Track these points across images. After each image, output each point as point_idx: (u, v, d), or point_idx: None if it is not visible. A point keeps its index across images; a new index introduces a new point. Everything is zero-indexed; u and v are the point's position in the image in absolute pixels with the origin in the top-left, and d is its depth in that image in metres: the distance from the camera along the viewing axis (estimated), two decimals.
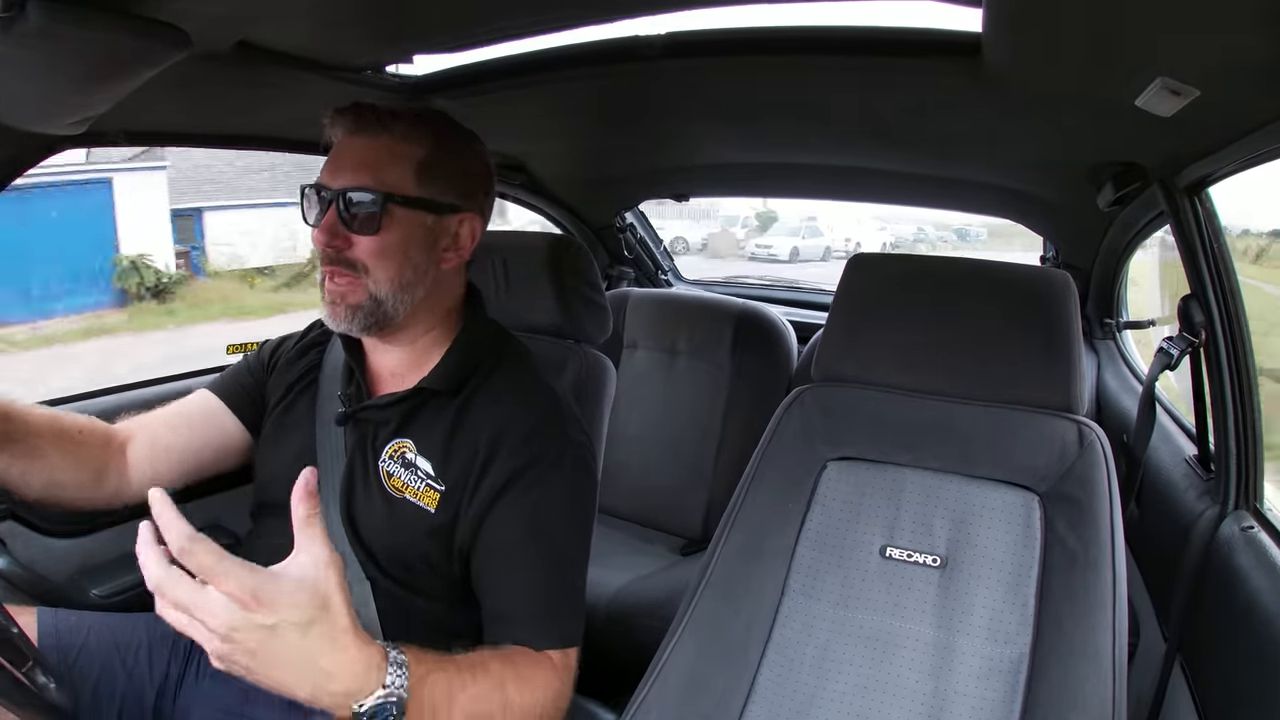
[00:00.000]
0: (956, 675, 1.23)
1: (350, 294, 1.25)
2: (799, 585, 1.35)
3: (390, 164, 1.25)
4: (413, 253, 1.27)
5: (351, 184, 1.23)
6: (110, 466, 1.38)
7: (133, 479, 1.40)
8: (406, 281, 1.27)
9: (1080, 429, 1.32)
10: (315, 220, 1.25)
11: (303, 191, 1.29)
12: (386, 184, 1.24)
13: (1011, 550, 1.28)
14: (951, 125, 1.69)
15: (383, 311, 1.27)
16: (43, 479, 1.30)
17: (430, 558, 1.26)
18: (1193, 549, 1.51)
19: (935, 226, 20.62)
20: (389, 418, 1.32)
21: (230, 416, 1.45)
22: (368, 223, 1.23)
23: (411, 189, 1.26)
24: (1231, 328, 1.51)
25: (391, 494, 1.29)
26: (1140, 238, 2.19)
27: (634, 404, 2.77)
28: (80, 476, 1.34)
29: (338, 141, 1.28)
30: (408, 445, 1.30)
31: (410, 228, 1.26)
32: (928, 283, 1.47)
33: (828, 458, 1.41)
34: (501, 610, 1.23)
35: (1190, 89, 1.09)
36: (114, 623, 1.40)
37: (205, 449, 1.44)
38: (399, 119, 1.26)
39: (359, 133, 1.26)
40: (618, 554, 2.47)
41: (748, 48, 1.42)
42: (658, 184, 2.93)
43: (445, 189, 1.29)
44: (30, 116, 1.24)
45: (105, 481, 1.37)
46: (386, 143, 1.25)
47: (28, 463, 1.28)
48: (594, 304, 1.87)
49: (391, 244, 1.25)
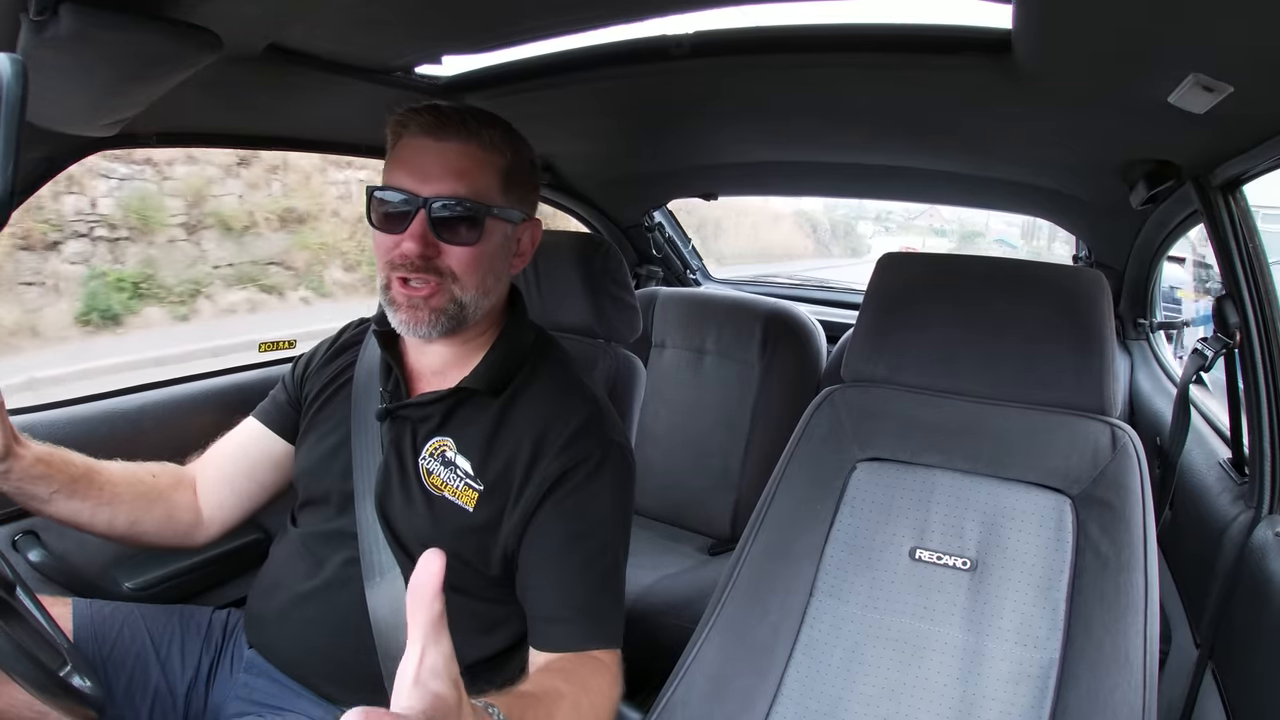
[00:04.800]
0: (985, 679, 1.23)
1: (435, 297, 1.25)
2: (827, 586, 1.34)
3: (481, 173, 1.24)
4: (496, 261, 1.29)
5: (448, 193, 1.22)
6: (185, 504, 1.44)
7: (205, 514, 1.46)
8: (488, 288, 1.29)
9: (1114, 431, 1.31)
10: (394, 227, 1.24)
11: (370, 193, 1.27)
12: (481, 193, 1.23)
13: (1042, 553, 1.27)
14: (982, 123, 1.67)
15: (464, 315, 1.28)
16: (125, 521, 1.35)
17: (465, 555, 1.27)
18: (1226, 554, 1.49)
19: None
20: (430, 414, 1.33)
21: (276, 440, 1.49)
22: (464, 233, 1.23)
23: (499, 199, 1.26)
24: (1267, 329, 1.49)
25: (430, 491, 1.30)
26: (1174, 237, 2.15)
27: (662, 403, 2.77)
28: (157, 516, 1.39)
29: (412, 143, 1.25)
30: (447, 444, 1.31)
31: (498, 237, 1.28)
32: (958, 282, 1.46)
33: (857, 458, 1.40)
34: (549, 613, 1.24)
35: (1224, 85, 1.08)
36: (148, 614, 1.42)
37: (264, 476, 1.49)
38: (482, 124, 1.25)
39: (443, 137, 1.24)
40: (645, 553, 2.47)
41: (777, 46, 1.42)
42: (686, 183, 2.92)
43: (520, 198, 1.31)
44: (64, 118, 1.25)
45: (179, 517, 1.43)
46: (475, 150, 1.24)
47: (111, 509, 1.33)
48: (623, 303, 1.87)
49: (484, 254, 1.26)
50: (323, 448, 1.40)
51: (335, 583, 1.31)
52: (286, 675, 1.33)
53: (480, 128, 1.25)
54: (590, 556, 1.25)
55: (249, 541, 1.84)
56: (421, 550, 1.30)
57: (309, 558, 1.36)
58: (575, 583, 1.24)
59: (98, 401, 1.76)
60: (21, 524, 1.55)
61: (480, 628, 1.31)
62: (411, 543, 1.29)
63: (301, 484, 1.42)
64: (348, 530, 1.32)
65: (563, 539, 1.25)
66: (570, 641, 1.21)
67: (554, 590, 1.24)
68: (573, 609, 1.23)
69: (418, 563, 0.66)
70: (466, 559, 1.27)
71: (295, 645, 1.32)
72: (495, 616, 1.31)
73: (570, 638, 1.22)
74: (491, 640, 1.32)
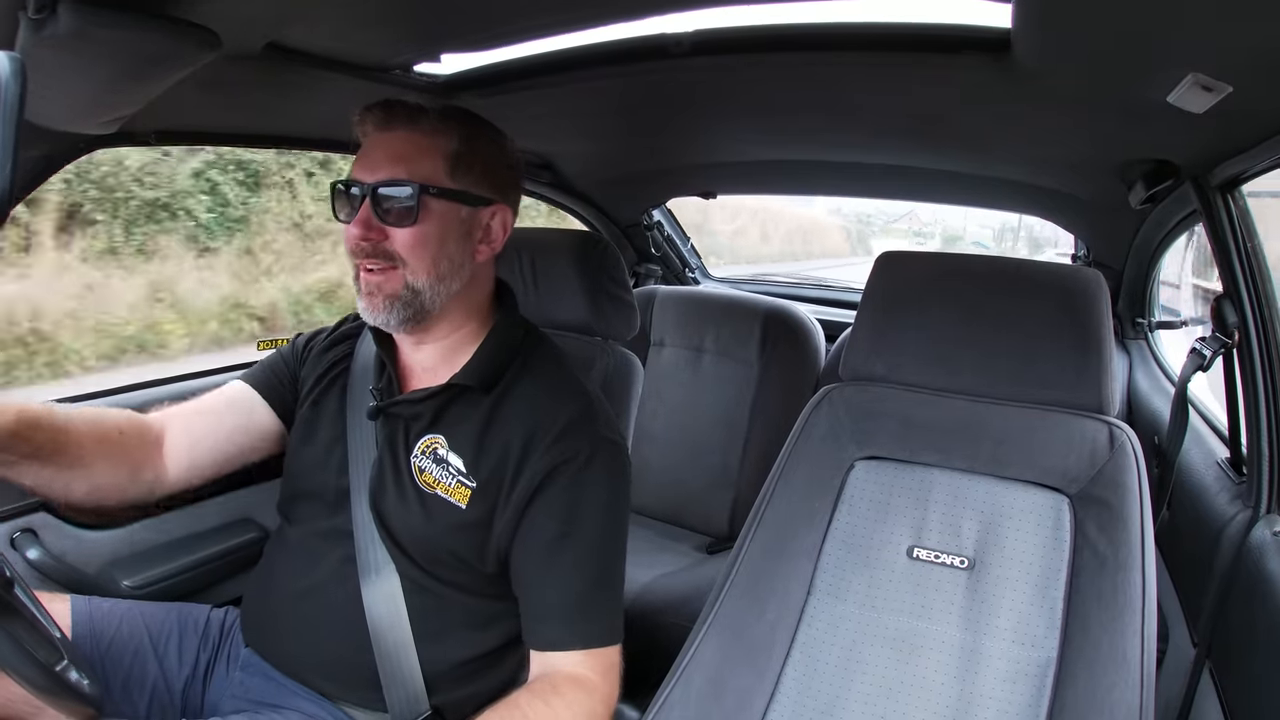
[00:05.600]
0: (983, 678, 1.23)
1: (387, 283, 1.26)
2: (825, 585, 1.34)
3: (422, 156, 1.26)
4: (448, 244, 1.29)
5: (386, 177, 1.24)
6: (147, 462, 1.39)
7: (169, 471, 1.41)
8: (443, 273, 1.29)
9: (1111, 430, 1.31)
10: (348, 216, 1.27)
11: (333, 189, 1.30)
12: (420, 175, 1.25)
13: (1040, 552, 1.27)
14: (981, 122, 1.67)
15: (420, 303, 1.28)
16: (85, 485, 1.31)
17: (459, 553, 1.28)
18: (1223, 553, 1.49)
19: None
20: (421, 413, 1.33)
21: (263, 405, 1.47)
22: (404, 215, 1.24)
23: (445, 180, 1.27)
24: (1265, 329, 1.49)
25: (423, 489, 1.30)
26: (1172, 236, 2.16)
27: (661, 402, 2.77)
28: (120, 477, 1.35)
29: (368, 138, 1.29)
30: (439, 441, 1.31)
31: (445, 219, 1.27)
32: (957, 281, 1.46)
33: (855, 457, 1.41)
34: (540, 610, 1.25)
35: (1223, 85, 1.08)
36: (146, 611, 1.42)
37: (239, 436, 1.45)
38: (427, 113, 1.28)
39: (390, 128, 1.27)
40: (643, 551, 2.47)
41: (777, 45, 1.42)
42: (685, 182, 2.92)
43: (477, 181, 1.30)
44: (62, 117, 1.25)
45: (142, 477, 1.38)
46: (417, 136, 1.27)
47: (71, 473, 1.29)
48: (621, 301, 1.87)
49: (428, 235, 1.26)
50: (317, 442, 1.40)
51: (331, 581, 1.31)
52: (283, 673, 1.33)
53: (425, 116, 1.28)
54: (582, 554, 1.26)
55: (248, 540, 1.84)
56: (416, 549, 1.32)
57: (305, 556, 1.36)
58: (567, 580, 1.25)
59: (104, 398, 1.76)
60: (19, 522, 1.54)
61: (476, 624, 1.31)
62: (406, 541, 1.29)
63: (295, 478, 1.42)
64: (343, 528, 1.32)
65: (553, 537, 1.25)
66: (562, 640, 1.23)
67: (545, 588, 1.25)
68: (565, 607, 1.24)
69: None
70: (462, 556, 1.28)
71: (292, 644, 1.32)
72: (491, 613, 1.32)
73: (562, 636, 1.23)
74: (486, 637, 1.32)
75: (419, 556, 1.29)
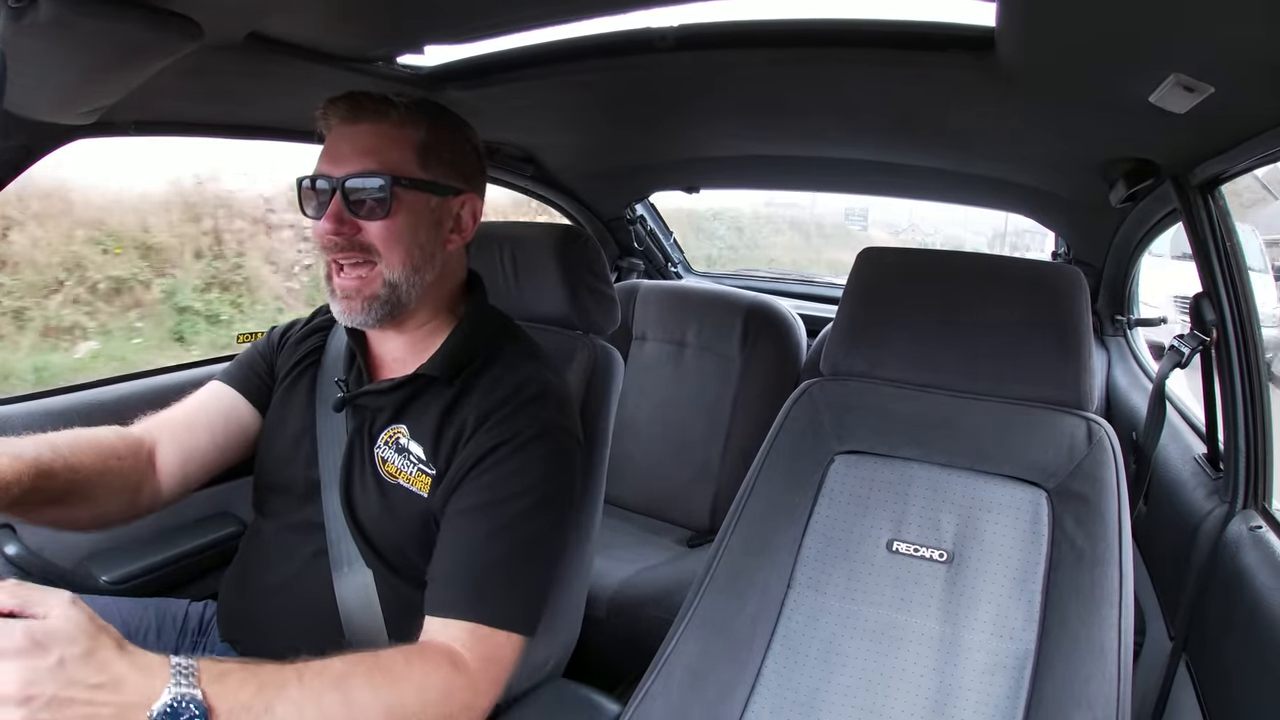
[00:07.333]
0: (962, 670, 1.24)
1: (366, 286, 1.26)
2: (805, 578, 1.35)
3: (391, 148, 1.26)
4: (420, 235, 1.28)
5: (356, 170, 1.24)
6: (145, 483, 1.34)
7: (163, 488, 1.36)
8: (417, 264, 1.28)
9: (1090, 426, 1.32)
10: (317, 211, 1.26)
11: (299, 184, 1.29)
12: (391, 167, 1.24)
13: (1019, 546, 1.28)
14: (966, 120, 1.68)
15: (397, 297, 1.28)
16: (91, 514, 1.26)
17: (426, 544, 1.26)
18: (1200, 548, 1.51)
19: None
20: (385, 404, 1.33)
21: (245, 404, 1.45)
22: (376, 207, 1.24)
23: (415, 171, 1.27)
24: (1243, 326, 1.51)
25: (386, 479, 1.29)
26: (1152, 235, 2.18)
27: (642, 396, 2.77)
28: (122, 502, 1.30)
29: (333, 130, 1.29)
30: (401, 430, 1.31)
31: (417, 210, 1.27)
32: (938, 277, 1.46)
33: (835, 451, 1.41)
34: (438, 573, 1.19)
35: (1204, 86, 1.09)
36: (124, 607, 1.42)
37: (228, 445, 1.43)
38: (394, 105, 1.27)
39: (356, 120, 1.27)
40: (624, 545, 2.48)
41: (762, 40, 1.42)
42: (669, 176, 2.92)
43: (446, 171, 1.30)
44: (42, 106, 1.24)
45: (141, 499, 1.33)
46: (386, 128, 1.26)
47: (82, 507, 1.23)
48: (602, 295, 1.87)
49: (401, 227, 1.26)
50: (287, 434, 1.39)
51: (304, 574, 1.31)
52: None
53: (392, 107, 1.27)
54: (498, 527, 1.19)
55: (226, 535, 1.83)
56: (384, 542, 1.29)
57: (278, 549, 1.35)
58: (474, 550, 1.18)
59: (77, 393, 1.75)
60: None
61: None
62: (373, 532, 1.28)
63: (266, 469, 1.41)
64: (315, 520, 1.32)
65: (473, 505, 1.21)
66: (449, 606, 1.15)
67: (449, 553, 1.20)
68: (464, 576, 1.17)
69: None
70: (428, 546, 1.25)
71: (266, 636, 1.31)
72: None
73: (451, 602, 1.15)
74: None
75: (388, 550, 1.28)
